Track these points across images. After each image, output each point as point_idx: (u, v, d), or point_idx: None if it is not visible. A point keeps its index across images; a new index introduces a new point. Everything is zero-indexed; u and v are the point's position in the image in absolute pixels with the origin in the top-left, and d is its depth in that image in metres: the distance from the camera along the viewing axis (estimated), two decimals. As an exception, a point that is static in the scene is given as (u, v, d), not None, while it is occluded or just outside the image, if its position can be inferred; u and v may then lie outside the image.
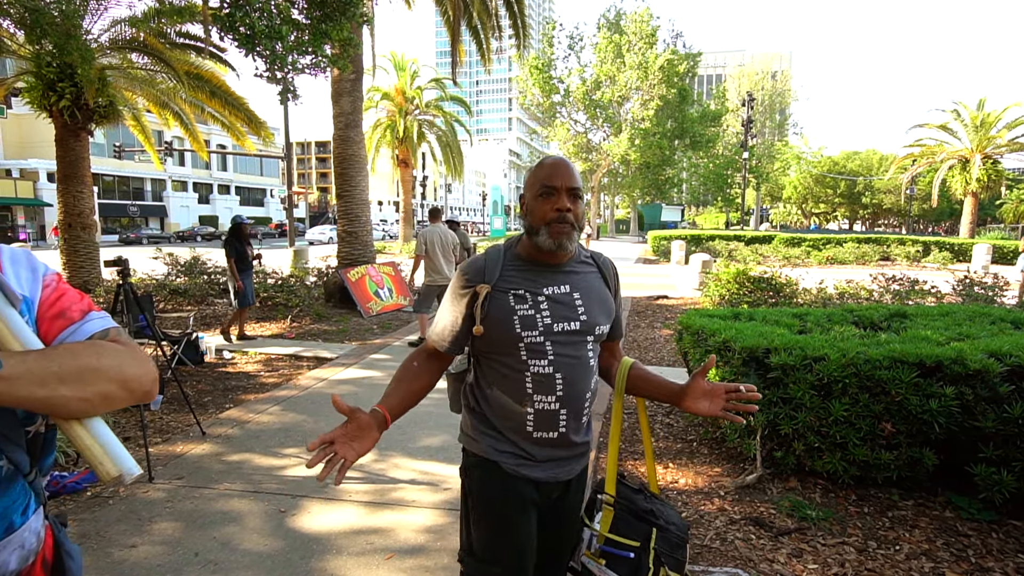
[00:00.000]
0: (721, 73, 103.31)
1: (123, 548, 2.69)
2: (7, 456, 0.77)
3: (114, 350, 0.81)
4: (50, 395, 0.72)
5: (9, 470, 0.79)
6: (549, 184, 1.41)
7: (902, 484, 3.12)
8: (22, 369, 0.70)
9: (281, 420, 4.45)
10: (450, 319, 1.47)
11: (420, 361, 1.52)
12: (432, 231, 6.83)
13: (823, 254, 21.22)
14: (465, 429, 1.54)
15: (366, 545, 2.74)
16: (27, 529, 0.83)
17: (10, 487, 0.79)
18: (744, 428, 3.48)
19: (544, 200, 1.42)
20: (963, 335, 3.42)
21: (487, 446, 1.45)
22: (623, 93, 34.69)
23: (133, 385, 0.81)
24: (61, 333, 0.83)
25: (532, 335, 1.40)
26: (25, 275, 0.84)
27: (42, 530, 0.87)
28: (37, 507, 0.85)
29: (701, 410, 1.45)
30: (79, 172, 9.46)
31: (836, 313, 4.37)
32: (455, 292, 1.47)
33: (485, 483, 1.46)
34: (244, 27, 5.71)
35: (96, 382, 0.76)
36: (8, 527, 0.79)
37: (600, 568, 1.46)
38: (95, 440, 0.78)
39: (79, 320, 0.85)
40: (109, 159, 37.85)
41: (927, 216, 59.69)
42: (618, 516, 1.52)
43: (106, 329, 0.86)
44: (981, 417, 2.77)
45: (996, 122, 31.71)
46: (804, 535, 2.78)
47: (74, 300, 0.87)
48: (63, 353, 0.76)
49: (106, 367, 0.78)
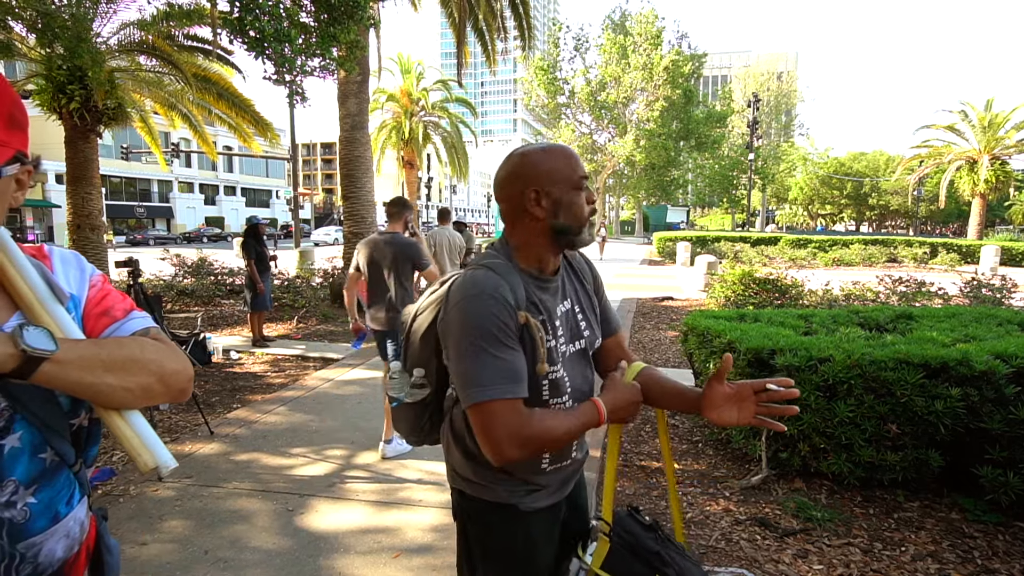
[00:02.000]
0: (726, 74, 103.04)
1: (134, 545, 2.72)
2: (53, 447, 0.81)
3: (156, 346, 0.86)
4: (96, 382, 0.76)
5: (54, 461, 0.82)
6: (583, 174, 1.22)
7: (908, 485, 3.12)
8: (73, 355, 0.75)
9: (288, 420, 4.49)
10: (510, 359, 1.11)
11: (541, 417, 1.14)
12: (441, 233, 6.86)
13: (829, 255, 21.13)
14: (462, 473, 1.29)
15: (373, 544, 2.76)
16: (72, 519, 0.86)
17: (55, 477, 0.83)
18: (749, 429, 3.49)
19: (579, 193, 1.21)
20: (969, 336, 3.42)
21: (500, 490, 1.25)
22: (628, 94, 34.70)
23: (171, 380, 0.84)
24: (105, 330, 0.87)
25: (555, 371, 1.21)
26: (74, 275, 0.90)
27: (86, 520, 0.91)
28: (82, 497, 0.89)
29: (730, 420, 1.18)
30: (88, 174, 9.53)
31: (841, 314, 4.37)
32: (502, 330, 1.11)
33: (501, 530, 1.27)
34: (253, 30, 5.76)
35: (139, 373, 0.80)
36: (54, 516, 0.83)
37: None
38: (135, 432, 0.81)
39: (122, 318, 0.90)
40: (116, 160, 38.15)
41: (934, 217, 59.37)
42: (614, 551, 1.27)
43: (147, 328, 0.91)
44: (987, 419, 2.77)
45: (1004, 123, 31.54)
46: (809, 536, 2.79)
47: (117, 300, 0.92)
48: (110, 344, 0.81)
49: (149, 359, 0.82)
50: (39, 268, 0.84)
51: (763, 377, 3.21)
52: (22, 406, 0.76)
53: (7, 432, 0.76)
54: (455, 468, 1.32)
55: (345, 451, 3.89)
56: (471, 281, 1.14)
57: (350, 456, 3.81)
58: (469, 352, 1.10)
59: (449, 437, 1.32)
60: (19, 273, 0.81)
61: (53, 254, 0.89)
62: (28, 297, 0.80)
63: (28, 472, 0.79)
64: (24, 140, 0.81)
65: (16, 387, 0.74)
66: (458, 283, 1.17)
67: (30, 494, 0.79)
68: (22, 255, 0.83)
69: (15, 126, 0.79)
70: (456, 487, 1.33)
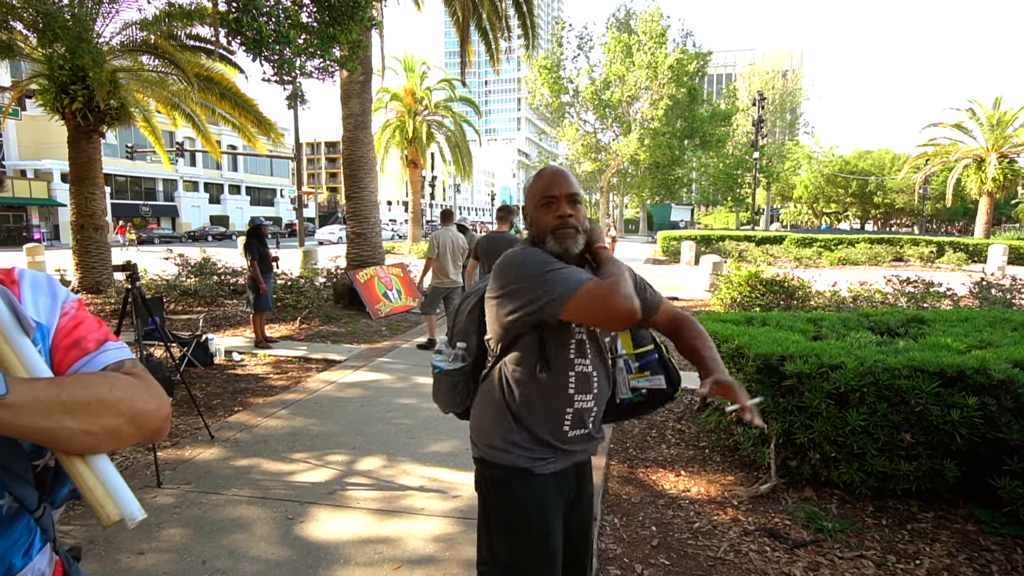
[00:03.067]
0: (731, 72, 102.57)
1: (131, 555, 2.67)
2: (12, 493, 0.73)
3: (127, 382, 0.78)
4: (54, 427, 0.68)
5: (12, 508, 0.75)
6: (549, 194, 1.48)
7: (922, 496, 3.04)
8: (28, 397, 0.66)
9: (290, 424, 4.44)
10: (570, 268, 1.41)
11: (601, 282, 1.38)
12: (445, 234, 6.80)
13: (835, 255, 20.98)
14: (487, 440, 1.52)
15: (374, 555, 2.71)
16: (30, 571, 0.79)
17: (11, 526, 0.75)
18: (758, 436, 3.42)
19: (545, 210, 1.48)
20: (985, 343, 3.34)
21: (518, 454, 1.47)
22: (632, 93, 34.54)
23: (143, 421, 0.77)
24: (75, 364, 0.80)
25: (584, 364, 1.47)
26: (44, 302, 0.83)
27: (48, 569, 0.83)
28: (43, 545, 0.81)
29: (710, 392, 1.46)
30: (91, 173, 9.53)
31: (851, 318, 4.29)
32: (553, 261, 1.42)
33: (517, 494, 1.47)
34: (252, 32, 5.69)
35: (104, 415, 0.72)
36: (8, 570, 0.75)
37: (649, 379, 1.62)
38: (98, 480, 0.73)
39: (94, 351, 0.82)
40: (121, 159, 38.23)
41: (940, 216, 59.03)
42: (631, 331, 1.65)
43: (120, 361, 0.83)
44: (1005, 428, 2.69)
45: (1012, 121, 31.30)
46: (820, 547, 2.72)
47: (91, 329, 0.84)
48: (73, 383, 0.73)
49: (116, 399, 0.74)
50: (4, 295, 0.76)
51: (773, 383, 3.14)
52: None
53: None
54: (479, 435, 1.55)
55: (347, 456, 3.83)
56: (518, 247, 1.47)
57: (352, 462, 3.76)
58: (539, 273, 1.37)
59: (482, 404, 1.55)
60: None
61: (23, 278, 0.83)
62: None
63: None
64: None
65: None
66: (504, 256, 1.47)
67: None
68: None
69: None
70: (478, 456, 1.55)
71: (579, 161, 38.41)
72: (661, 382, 1.62)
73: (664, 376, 1.63)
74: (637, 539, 2.84)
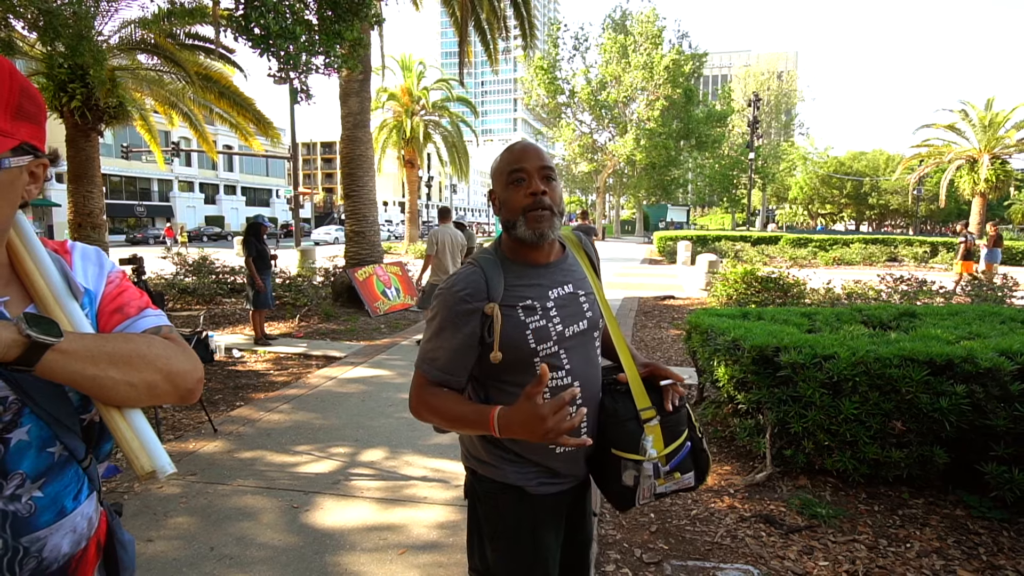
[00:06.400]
0: (727, 73, 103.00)
1: (140, 542, 2.72)
2: (62, 442, 0.80)
3: (164, 344, 0.85)
4: (99, 375, 0.76)
5: (63, 456, 0.82)
6: (517, 167, 1.28)
7: (912, 482, 3.12)
8: (79, 345, 0.75)
9: (292, 418, 4.49)
10: (453, 347, 1.27)
11: (438, 397, 1.29)
12: (443, 231, 6.86)
13: (830, 255, 21.13)
14: (474, 453, 1.39)
15: (379, 541, 2.77)
16: (79, 514, 0.85)
17: (63, 472, 0.82)
18: (753, 426, 3.50)
19: (516, 187, 1.28)
20: (973, 334, 3.42)
21: (509, 472, 1.33)
22: (628, 93, 34.67)
23: (178, 380, 0.84)
24: (118, 326, 0.88)
25: (547, 347, 1.28)
26: (92, 271, 0.91)
27: (95, 515, 0.90)
28: (90, 492, 0.88)
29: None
30: (89, 172, 9.53)
31: (845, 312, 4.37)
32: (454, 315, 1.26)
33: (510, 511, 1.35)
34: (258, 28, 5.75)
35: (144, 369, 0.80)
36: (60, 511, 0.82)
37: (678, 482, 1.33)
38: (135, 433, 0.80)
39: (135, 315, 0.90)
40: (116, 159, 38.13)
41: (934, 217, 59.34)
42: (662, 425, 1.33)
43: (159, 326, 0.91)
44: (992, 415, 2.77)
45: (1004, 122, 31.52)
46: (814, 533, 2.79)
47: (133, 297, 0.92)
48: (116, 339, 0.81)
49: (155, 356, 0.82)
50: (58, 262, 0.85)
51: (768, 374, 3.21)
52: (31, 400, 0.76)
53: (15, 426, 0.76)
54: (469, 449, 1.42)
55: (350, 448, 3.89)
56: (452, 277, 1.32)
57: (355, 453, 3.81)
58: (427, 329, 1.34)
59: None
60: (37, 266, 0.83)
61: (75, 249, 0.91)
62: (43, 290, 0.81)
63: (35, 466, 0.78)
64: (35, 132, 0.80)
65: (25, 381, 0.74)
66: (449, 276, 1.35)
67: (36, 488, 0.79)
68: (42, 249, 0.85)
69: (23, 116, 0.78)
70: (469, 466, 1.43)
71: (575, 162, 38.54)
72: (691, 480, 1.36)
73: (694, 471, 1.36)
74: (636, 525, 2.91)
